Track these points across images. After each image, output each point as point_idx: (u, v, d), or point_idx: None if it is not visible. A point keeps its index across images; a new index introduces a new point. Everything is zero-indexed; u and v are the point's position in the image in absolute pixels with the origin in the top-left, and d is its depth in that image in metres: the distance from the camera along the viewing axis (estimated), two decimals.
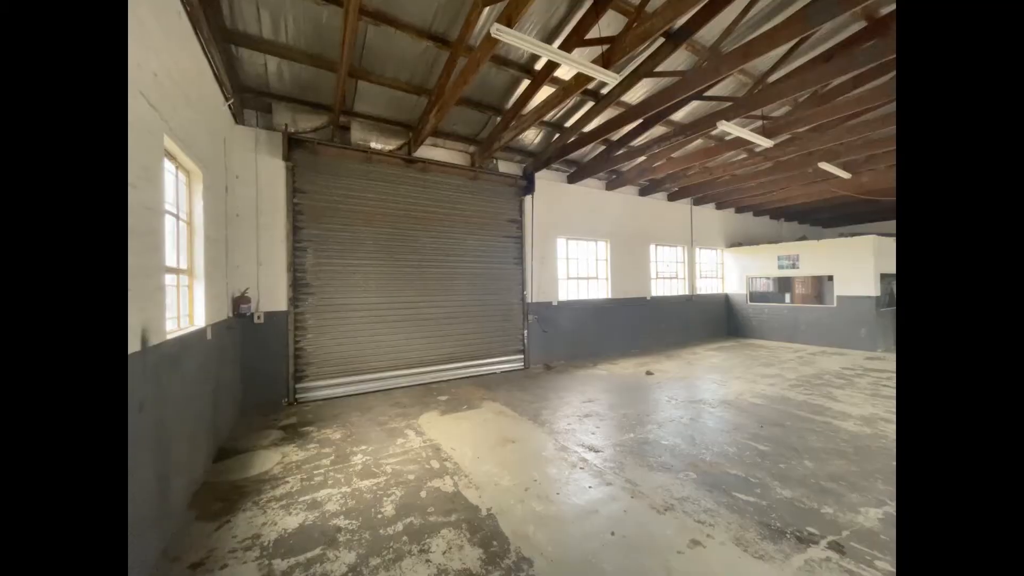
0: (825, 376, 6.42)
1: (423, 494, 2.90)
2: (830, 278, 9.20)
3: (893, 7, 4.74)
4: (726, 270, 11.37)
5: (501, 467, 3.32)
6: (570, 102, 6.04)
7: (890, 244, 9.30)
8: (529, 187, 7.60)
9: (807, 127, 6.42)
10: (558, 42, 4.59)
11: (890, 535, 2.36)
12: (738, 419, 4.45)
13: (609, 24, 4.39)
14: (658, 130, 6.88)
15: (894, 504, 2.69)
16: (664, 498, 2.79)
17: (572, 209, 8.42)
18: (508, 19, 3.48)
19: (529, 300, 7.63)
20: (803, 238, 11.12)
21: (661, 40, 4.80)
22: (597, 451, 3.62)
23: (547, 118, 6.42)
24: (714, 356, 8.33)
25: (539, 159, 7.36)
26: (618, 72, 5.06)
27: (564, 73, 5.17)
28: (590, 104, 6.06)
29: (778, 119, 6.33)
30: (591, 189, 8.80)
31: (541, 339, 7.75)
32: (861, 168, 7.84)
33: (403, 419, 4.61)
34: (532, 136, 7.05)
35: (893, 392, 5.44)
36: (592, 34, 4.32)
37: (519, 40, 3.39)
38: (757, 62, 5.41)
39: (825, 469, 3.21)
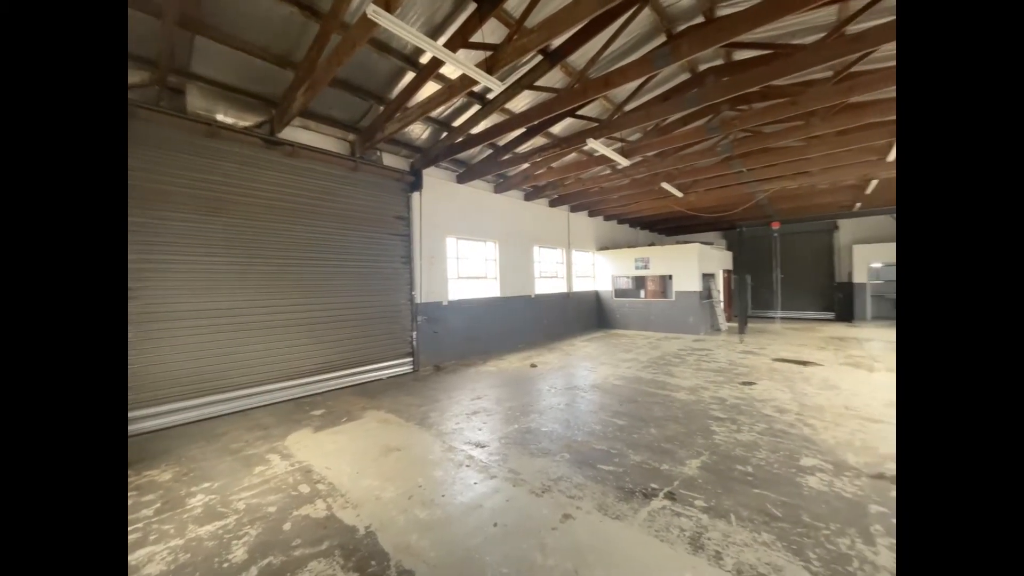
0: (667, 357, 7.90)
1: (287, 527, 2.54)
2: (670, 277, 11.34)
3: (709, 65, 6.08)
4: (597, 270, 12.96)
5: (383, 479, 3.13)
6: (457, 102, 6.04)
7: (708, 250, 11.92)
8: (417, 183, 7.35)
9: (653, 152, 7.76)
10: (443, 39, 4.54)
11: (705, 479, 3.03)
12: (604, 400, 5.13)
13: (493, 32, 4.53)
14: (539, 140, 7.41)
15: (708, 454, 3.46)
16: (542, 481, 3.03)
17: (462, 209, 8.46)
18: (387, 2, 3.28)
19: (418, 300, 7.38)
20: (652, 244, 13.43)
21: (540, 57, 5.18)
22: (483, 446, 3.72)
23: (434, 115, 6.29)
24: (587, 346, 9.43)
25: (427, 156, 7.17)
26: (502, 80, 5.27)
27: (450, 72, 5.14)
28: (477, 107, 6.17)
29: (633, 143, 7.48)
30: (480, 191, 8.98)
31: (431, 340, 7.59)
32: (689, 190, 9.85)
33: (265, 443, 3.96)
34: (419, 131, 6.83)
35: (711, 366, 7.00)
36: (476, 38, 4.40)
37: (397, 27, 3.23)
38: (616, 91, 6.30)
39: (664, 433, 3.94)
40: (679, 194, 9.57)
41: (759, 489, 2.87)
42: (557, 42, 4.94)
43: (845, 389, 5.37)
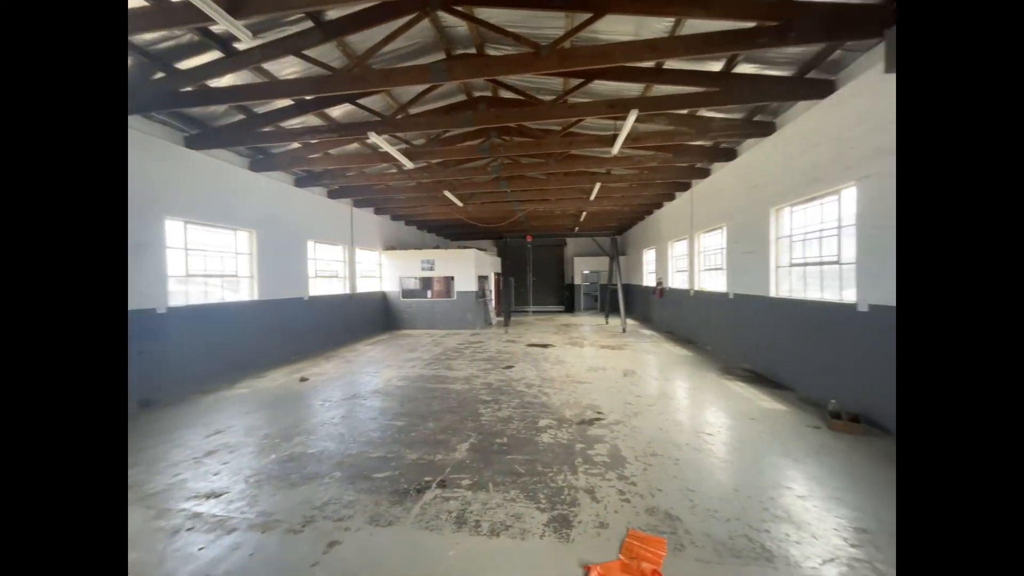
0: (447, 352, 8.52)
1: None
2: (452, 278, 12.32)
3: (482, 94, 6.95)
4: (384, 270, 12.54)
5: None
6: (183, 36, 4.46)
7: (483, 256, 13.67)
8: None
9: (437, 161, 8.20)
10: None
11: (472, 458, 3.43)
12: (385, 404, 5.00)
13: None
14: (315, 120, 6.48)
15: (476, 435, 3.94)
16: (304, 513, 2.64)
17: (195, 183, 6.30)
18: None
19: None
20: (438, 247, 14.20)
21: (311, 23, 4.51)
22: (220, 495, 2.89)
23: (139, 42, 4.41)
24: (372, 350, 8.96)
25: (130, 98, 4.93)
26: (257, 32, 4.28)
27: None
28: (218, 54, 4.75)
29: (418, 147, 7.65)
30: (228, 164, 6.97)
31: (136, 364, 5.27)
32: (468, 200, 10.98)
33: None
34: None
35: (483, 356, 8.02)
36: None
37: None
38: (401, 91, 6.27)
39: (440, 425, 4.22)
40: (459, 203, 10.51)
41: (511, 455, 3.50)
42: (333, 14, 4.44)
43: (567, 362, 7.33)
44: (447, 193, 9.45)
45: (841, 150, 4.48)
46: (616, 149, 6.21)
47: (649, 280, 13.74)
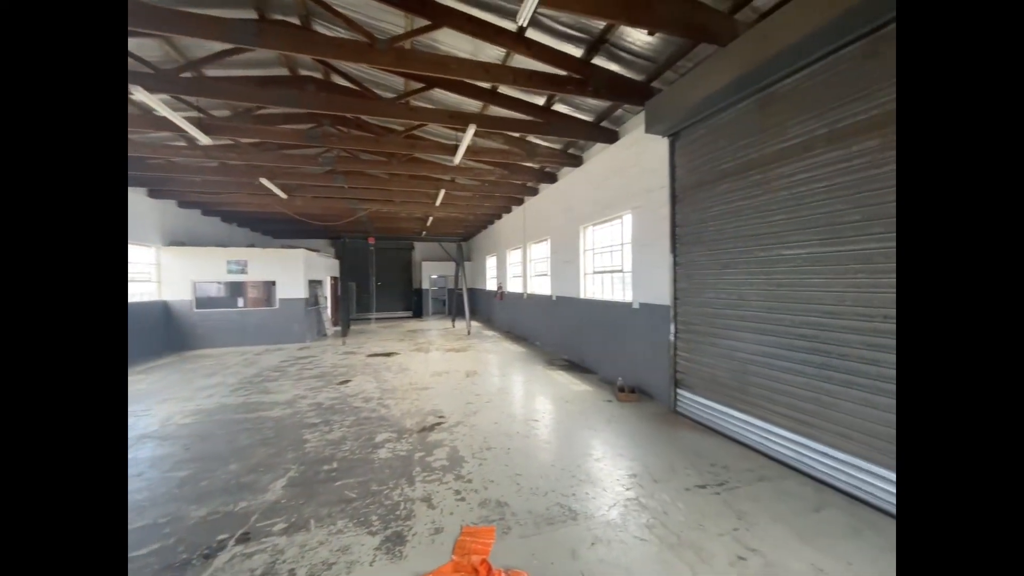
0: (264, 372, 7.06)
1: None
2: (273, 283, 10.33)
3: (310, 73, 6.08)
4: (165, 272, 9.48)
5: None
6: None
7: (315, 257, 12.00)
8: None
9: (250, 140, 6.75)
10: None
11: (290, 495, 2.92)
12: (158, 452, 3.75)
13: None
14: None
15: (297, 467, 3.37)
16: None
17: None
18: None
19: None
20: (252, 245, 11.67)
21: None
22: None
23: None
24: (142, 381, 6.62)
25: None
26: None
27: None
28: None
29: (220, 119, 6.12)
30: None
31: None
32: (295, 192, 9.44)
33: None
34: None
35: (313, 372, 6.99)
36: None
37: None
38: (189, 43, 4.91)
39: (248, 464, 3.44)
40: (282, 195, 8.93)
41: (341, 480, 3.14)
42: None
43: (412, 369, 7.13)
44: (265, 181, 7.89)
45: (623, 185, 5.85)
46: (458, 159, 6.43)
47: (491, 284, 14.76)
